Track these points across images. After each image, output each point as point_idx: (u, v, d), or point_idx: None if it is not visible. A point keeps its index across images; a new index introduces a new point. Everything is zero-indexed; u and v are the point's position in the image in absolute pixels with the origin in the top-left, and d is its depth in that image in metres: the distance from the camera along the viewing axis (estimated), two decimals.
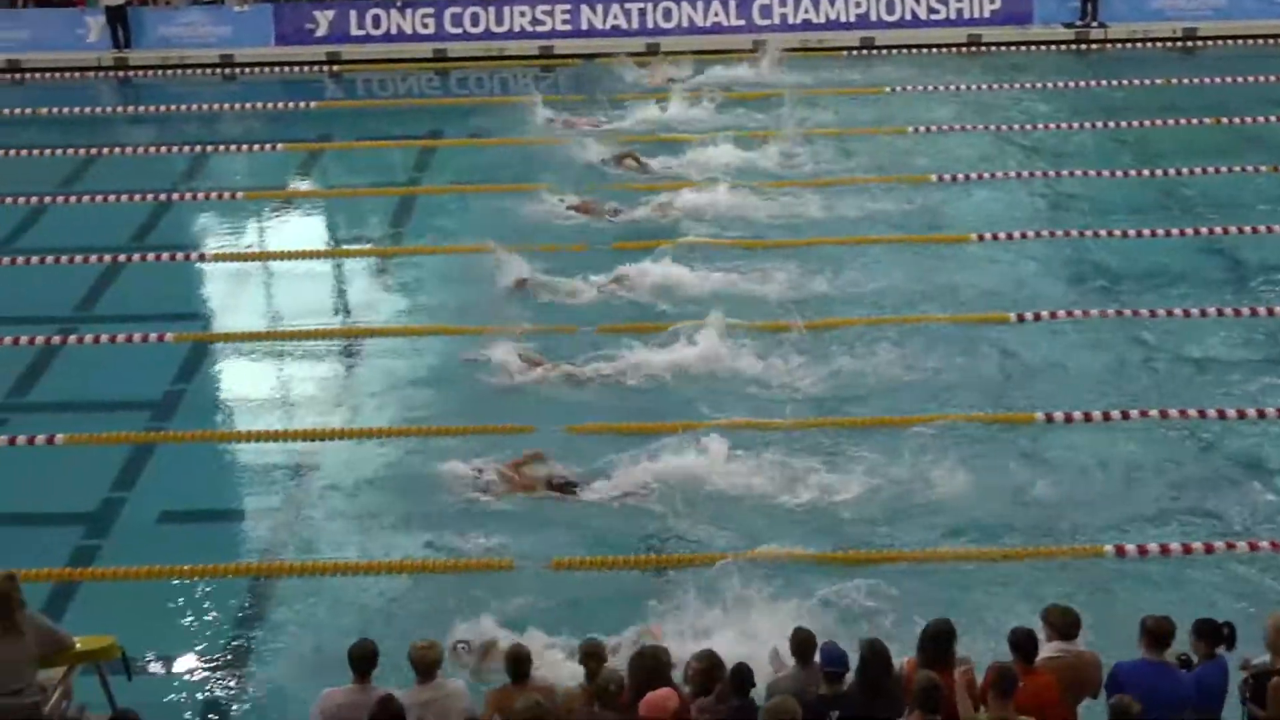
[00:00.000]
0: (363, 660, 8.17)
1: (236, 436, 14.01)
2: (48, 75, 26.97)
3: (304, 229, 19.76)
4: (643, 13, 27.63)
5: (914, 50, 26.71)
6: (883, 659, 8.11)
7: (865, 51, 26.83)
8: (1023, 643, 8.14)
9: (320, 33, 27.56)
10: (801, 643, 8.41)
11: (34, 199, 20.31)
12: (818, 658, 8.25)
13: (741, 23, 27.59)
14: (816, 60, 26.16)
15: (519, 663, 8.45)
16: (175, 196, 20.64)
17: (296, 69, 26.89)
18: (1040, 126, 22.17)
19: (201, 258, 18.42)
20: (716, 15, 27.66)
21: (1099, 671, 8.33)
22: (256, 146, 22.58)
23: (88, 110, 24.89)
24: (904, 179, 19.90)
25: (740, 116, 22.56)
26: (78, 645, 8.59)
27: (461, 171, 21.41)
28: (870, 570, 11.11)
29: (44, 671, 8.37)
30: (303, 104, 24.75)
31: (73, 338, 16.04)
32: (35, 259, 18.26)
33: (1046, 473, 12.70)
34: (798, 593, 10.68)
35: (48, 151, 22.59)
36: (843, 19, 27.53)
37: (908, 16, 27.46)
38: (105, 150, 22.81)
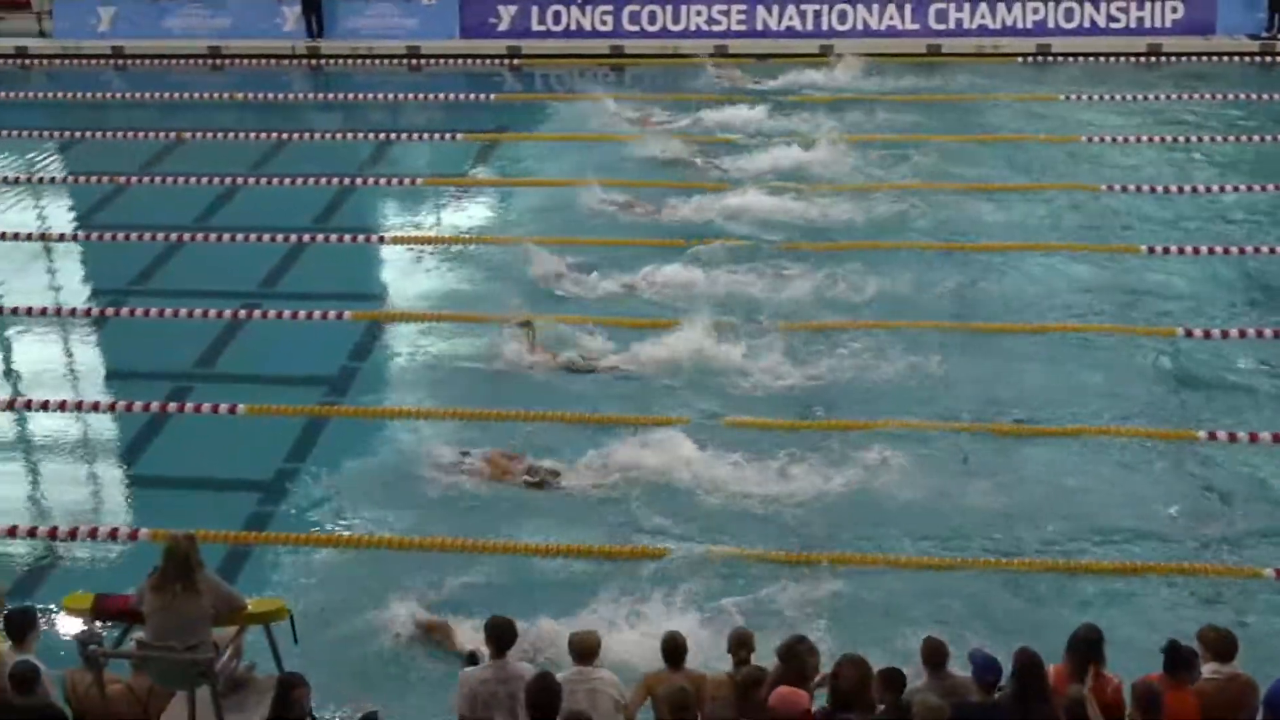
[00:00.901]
0: (501, 636, 8.42)
1: (407, 414, 14.42)
2: (245, 62, 28.12)
3: (478, 215, 20.18)
4: (818, 14, 27.71)
5: (1091, 58, 26.34)
6: (1038, 668, 7.98)
7: (1041, 59, 26.56)
8: (1182, 658, 7.99)
9: (502, 27, 28.27)
10: (934, 650, 8.37)
11: (227, 180, 21.22)
12: (951, 665, 8.31)
13: (916, 27, 27.47)
14: (993, 66, 26.02)
15: (674, 649, 8.63)
16: (359, 181, 21.34)
17: (478, 62, 27.62)
18: (1220, 139, 21.74)
19: (380, 240, 19.10)
20: (891, 19, 27.58)
21: (1255, 696, 8.13)
22: (437, 135, 23.31)
23: (280, 96, 25.97)
24: (1073, 186, 19.84)
25: (856, 123, 22.68)
26: (249, 606, 8.99)
27: None
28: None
29: (217, 630, 8.75)
30: (483, 96, 25.44)
31: (257, 313, 16.79)
32: (226, 236, 19.03)
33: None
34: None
35: (242, 135, 23.64)
36: (1019, 25, 27.29)
37: (1086, 24, 27.08)
38: (295, 135, 23.71)
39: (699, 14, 27.93)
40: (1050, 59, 26.53)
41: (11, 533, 12.43)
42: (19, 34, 29.10)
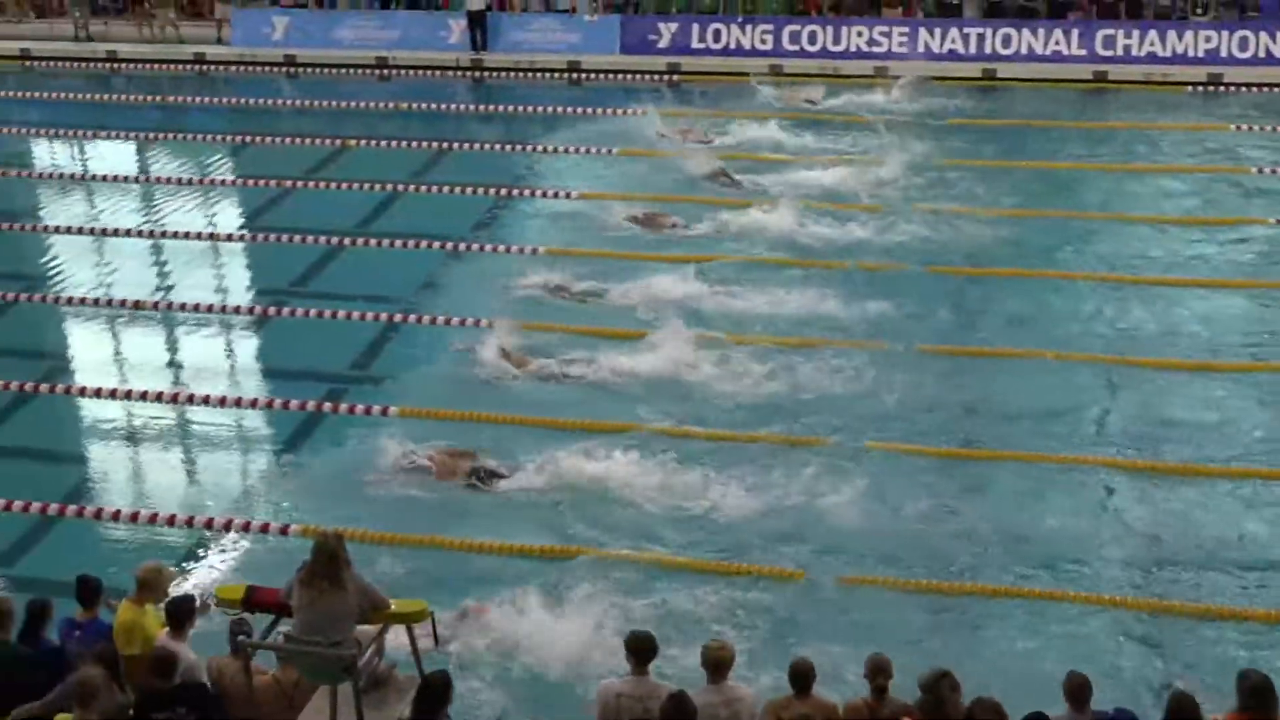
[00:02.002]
0: (642, 650, 8.35)
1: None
2: (411, 72, 28.87)
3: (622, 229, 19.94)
4: (981, 38, 27.41)
5: (1265, 89, 25.57)
6: (1193, 714, 7.68)
7: (1211, 88, 25.87)
8: None
9: (662, 44, 28.51)
10: (1079, 687, 8.13)
11: (389, 186, 21.71)
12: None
13: (1083, 53, 27.03)
14: (1161, 95, 25.45)
15: (801, 675, 8.35)
16: (515, 192, 21.59)
17: (637, 77, 27.85)
18: None
19: (534, 252, 19.18)
20: (1057, 44, 27.21)
21: None
22: (593, 149, 23.55)
23: (443, 106, 26.53)
24: (1243, 220, 19.38)
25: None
26: (393, 606, 9.12)
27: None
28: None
29: (360, 627, 8.89)
30: (640, 110, 25.59)
31: (412, 316, 17.10)
32: (385, 242, 19.48)
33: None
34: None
35: (405, 143, 24.13)
36: (1190, 53, 26.61)
37: (1260, 54, 26.30)
38: (456, 145, 24.16)
39: (859, 34, 27.82)
40: (1221, 89, 25.82)
41: (170, 521, 12.85)
42: (198, 41, 30.24)
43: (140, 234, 20.49)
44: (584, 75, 28.17)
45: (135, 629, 8.83)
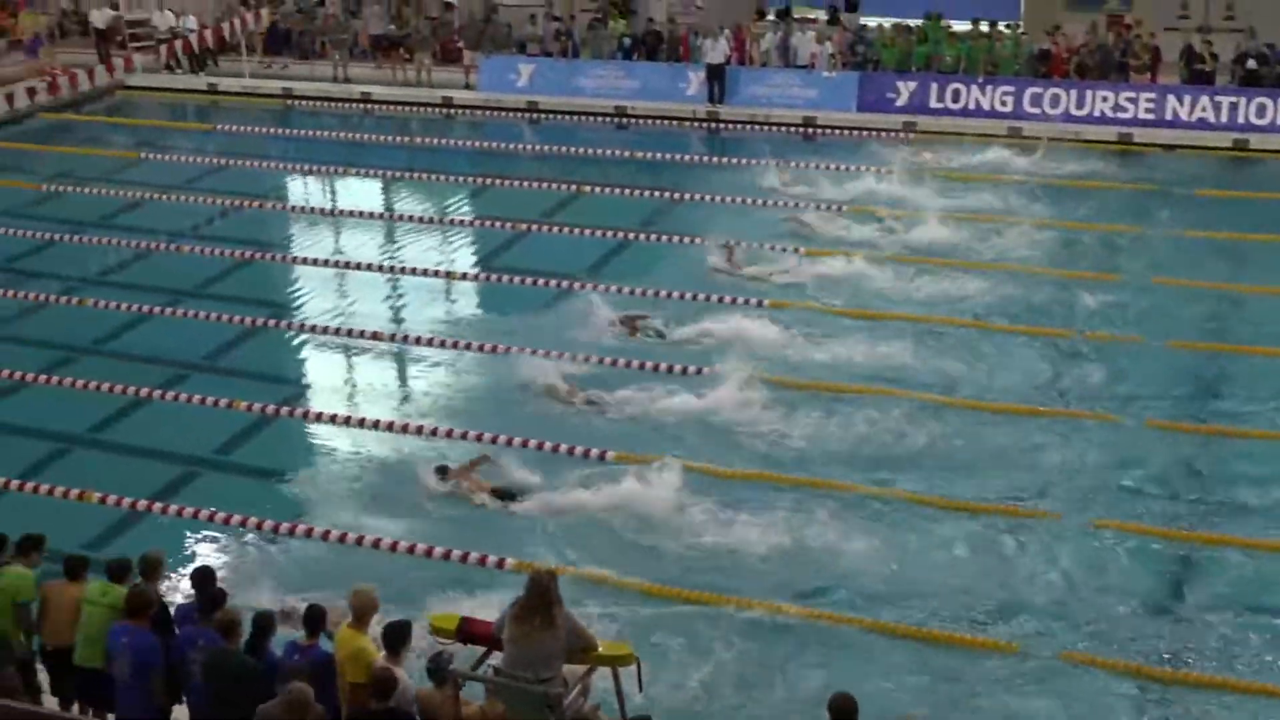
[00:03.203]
0: (843, 712, 8.19)
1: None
2: (648, 122, 29.37)
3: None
4: (1234, 107, 26.47)
5: None
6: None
7: None
8: None
9: (900, 102, 28.33)
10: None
11: (619, 234, 22.09)
12: None
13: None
14: None
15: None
16: (747, 245, 21.32)
17: (872, 134, 27.72)
18: None
19: (759, 305, 19.06)
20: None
21: None
22: (824, 206, 23.31)
23: (678, 157, 26.76)
24: None
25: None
26: (600, 648, 9.22)
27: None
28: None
29: (567, 666, 8.99)
30: (878, 168, 25.41)
31: (621, 361, 17.23)
32: (613, 288, 19.61)
33: None
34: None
35: (637, 192, 24.52)
36: None
37: None
38: (688, 195, 24.37)
39: (1104, 100, 27.19)
40: None
41: (393, 548, 13.26)
42: (447, 85, 31.37)
43: (380, 269, 21.30)
44: (819, 131, 28.17)
45: (360, 656, 9.00)
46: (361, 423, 16.01)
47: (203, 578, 9.80)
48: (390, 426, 15.89)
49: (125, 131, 30.28)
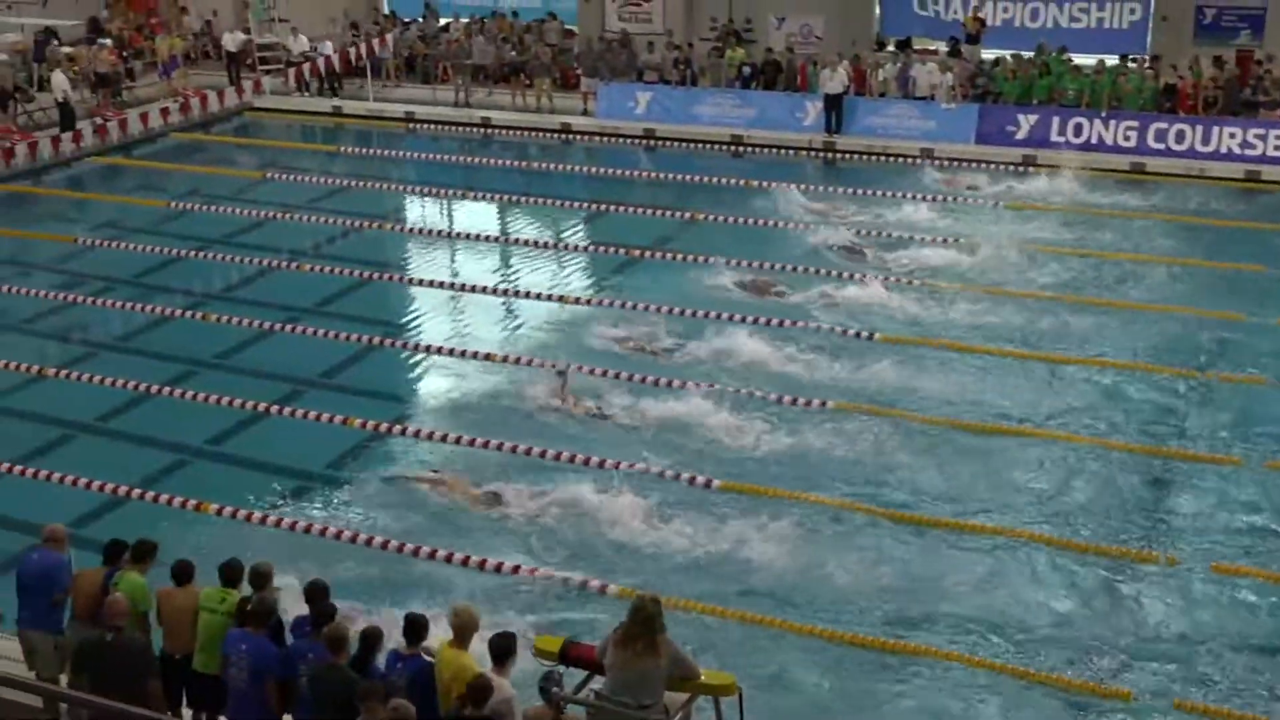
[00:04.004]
0: None
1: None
2: (764, 151, 29.37)
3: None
4: None
5: None
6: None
7: None
8: None
9: (1020, 135, 28.00)
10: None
11: (730, 260, 21.93)
12: None
13: None
14: None
15: None
16: (859, 276, 21.18)
17: (991, 166, 27.39)
18: None
19: (868, 337, 19.06)
20: None
21: None
22: (942, 239, 23.10)
23: (801, 186, 26.29)
24: None
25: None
26: (703, 677, 9.20)
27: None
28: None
29: (669, 694, 9.02)
30: (996, 202, 25.16)
31: (758, 392, 17.19)
32: (726, 316, 19.57)
33: None
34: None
35: (749, 220, 24.30)
36: None
37: None
38: (789, 225, 24.05)
39: (1232, 136, 26.67)
40: None
41: (515, 571, 13.37)
42: (565, 112, 31.69)
43: (494, 291, 21.53)
44: (936, 162, 27.93)
45: (463, 675, 9.02)
46: (472, 442, 16.16)
47: (314, 592, 9.96)
48: (499, 448, 16.01)
49: (252, 152, 31.03)
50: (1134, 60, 29.33)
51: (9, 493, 15.27)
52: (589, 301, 20.80)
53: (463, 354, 18.84)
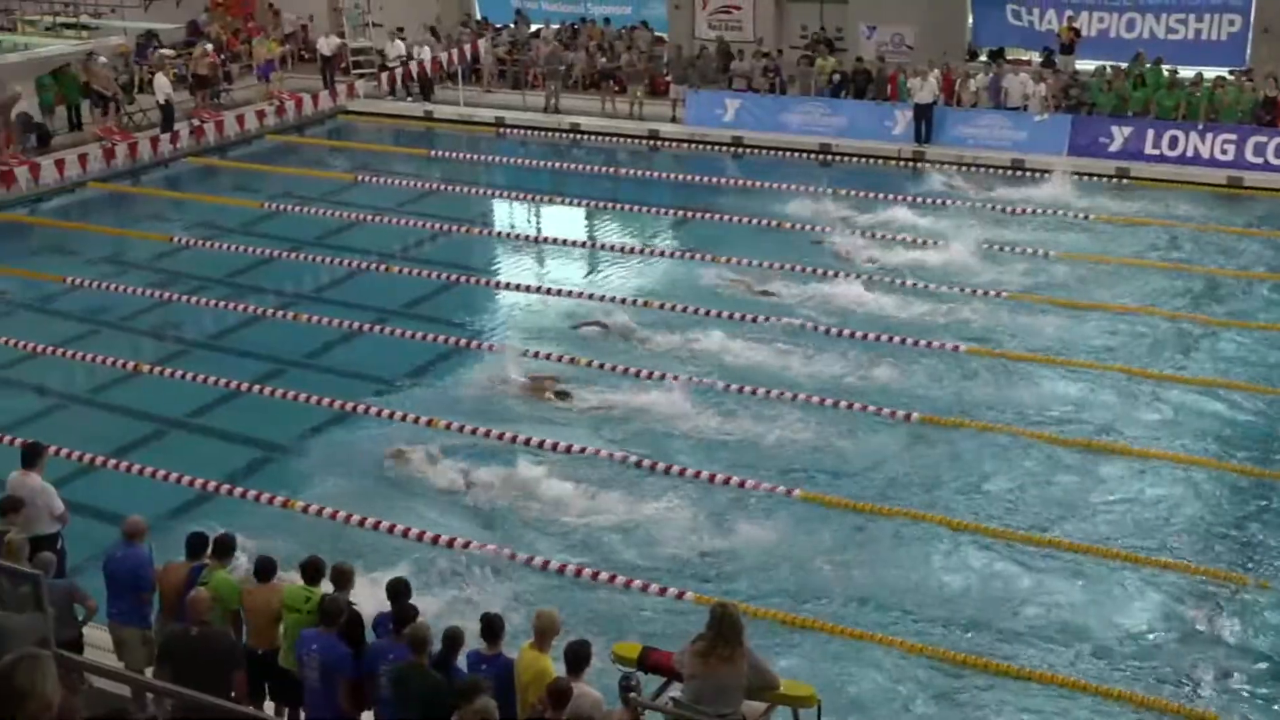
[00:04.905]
0: None
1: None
2: (852, 159, 29.21)
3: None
4: None
5: None
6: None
7: None
8: None
9: (1113, 147, 27.61)
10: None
11: (818, 271, 22.01)
12: None
13: None
14: None
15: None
16: (947, 288, 21.19)
17: (1083, 178, 26.91)
18: None
19: (956, 349, 18.91)
20: None
21: None
22: (1031, 250, 22.86)
23: (879, 195, 26.27)
24: None
25: None
26: (781, 687, 9.20)
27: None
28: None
29: (748, 703, 9.01)
30: (1083, 216, 24.83)
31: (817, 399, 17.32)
32: (822, 328, 19.65)
33: None
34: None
35: (831, 229, 24.16)
36: None
37: None
38: (881, 235, 23.99)
39: None
40: None
41: (594, 576, 13.45)
42: (654, 118, 31.76)
43: (580, 295, 21.58)
44: (1028, 173, 27.58)
45: (543, 678, 9.14)
46: (555, 447, 16.24)
47: (397, 591, 10.05)
48: (583, 452, 16.09)
49: (344, 154, 31.46)
50: (1232, 73, 28.78)
51: (103, 486, 15.58)
52: (673, 308, 20.74)
53: (546, 357, 18.92)
